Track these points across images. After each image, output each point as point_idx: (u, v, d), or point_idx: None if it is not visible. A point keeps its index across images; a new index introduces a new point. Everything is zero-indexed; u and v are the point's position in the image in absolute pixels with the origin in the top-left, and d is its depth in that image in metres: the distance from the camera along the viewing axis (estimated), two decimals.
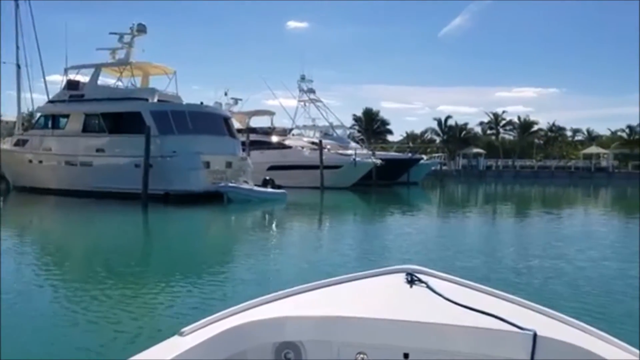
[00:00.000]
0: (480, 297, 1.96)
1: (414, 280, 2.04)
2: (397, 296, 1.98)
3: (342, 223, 19.00)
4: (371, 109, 75.90)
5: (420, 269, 2.14)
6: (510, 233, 16.56)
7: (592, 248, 12.13)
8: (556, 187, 47.94)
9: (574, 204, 31.14)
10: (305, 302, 1.96)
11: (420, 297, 1.94)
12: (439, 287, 1.96)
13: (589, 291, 7.71)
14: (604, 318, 6.00)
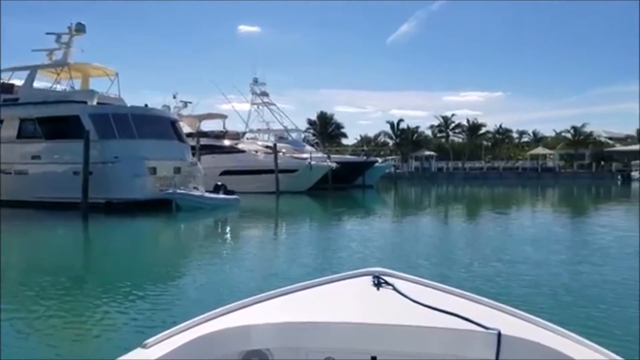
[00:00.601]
0: (446, 298, 1.98)
1: (380, 283, 2.04)
2: (364, 299, 1.98)
3: (301, 229, 18.26)
4: (325, 112, 75.91)
5: (386, 271, 2.15)
6: (468, 234, 16.50)
7: (548, 247, 12.26)
8: (505, 188, 49.01)
9: (524, 204, 31.75)
10: (272, 308, 1.93)
11: (387, 299, 1.95)
12: (405, 289, 1.97)
13: (552, 290, 7.69)
14: (568, 317, 5.94)
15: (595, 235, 14.44)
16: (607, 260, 10.32)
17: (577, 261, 10.39)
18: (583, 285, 8.19)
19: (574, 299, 7.24)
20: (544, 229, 17.21)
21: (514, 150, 79.43)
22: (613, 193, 42.70)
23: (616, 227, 17.92)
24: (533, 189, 47.65)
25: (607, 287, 8.01)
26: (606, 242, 13.00)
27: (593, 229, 16.50)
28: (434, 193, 44.16)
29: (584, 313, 6.39)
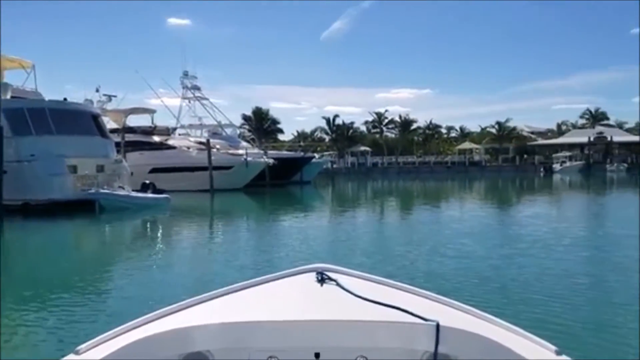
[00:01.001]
0: (387, 292, 2.00)
1: (324, 279, 2.04)
2: (307, 296, 1.98)
3: (238, 228, 17.38)
4: (261, 108, 74.61)
5: (330, 267, 2.15)
6: (406, 228, 16.50)
7: (485, 240, 12.40)
8: (436, 182, 50.51)
9: (457, 198, 32.54)
10: (212, 309, 1.89)
11: (330, 295, 1.95)
12: (348, 284, 1.98)
13: (490, 282, 7.80)
14: (505, 307, 6.07)
15: (530, 227, 14.73)
16: (542, 252, 10.48)
17: (514, 253, 10.51)
18: (519, 276, 8.25)
19: (511, 290, 7.33)
20: (479, 222, 17.52)
21: (443, 145, 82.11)
22: (537, 185, 44.91)
23: (549, 218, 18.63)
24: (462, 182, 49.31)
25: (544, 278, 8.08)
26: (542, 234, 13.27)
27: (527, 220, 16.92)
28: (370, 188, 44.49)
29: (520, 303, 6.50)
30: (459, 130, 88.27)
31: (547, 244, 11.49)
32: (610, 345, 5.22)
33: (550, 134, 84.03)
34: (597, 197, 29.75)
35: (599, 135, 68.71)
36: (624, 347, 5.20)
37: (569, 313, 6.18)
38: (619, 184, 42.49)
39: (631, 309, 6.37)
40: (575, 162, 63.17)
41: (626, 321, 5.97)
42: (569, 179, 49.41)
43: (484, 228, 15.36)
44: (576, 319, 5.94)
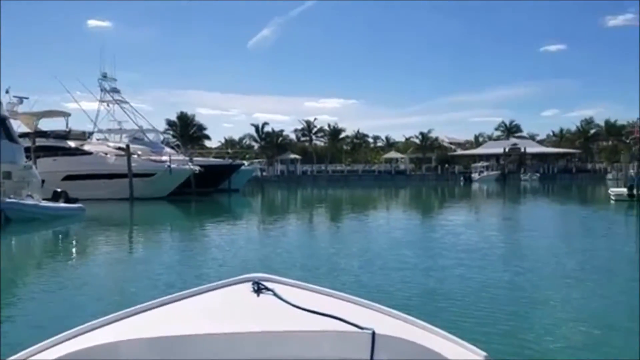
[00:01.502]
0: (324, 300, 2.00)
1: (260, 289, 2.01)
2: (243, 307, 1.95)
3: (161, 240, 16.29)
4: (186, 113, 72.39)
5: (266, 276, 2.12)
6: (339, 236, 16.40)
7: (418, 248, 12.61)
8: (364, 190, 51.36)
9: (386, 205, 33.18)
10: (142, 323, 1.82)
11: (267, 305, 1.93)
12: (285, 294, 1.96)
13: (425, 290, 7.94)
14: (440, 315, 6.18)
15: (458, 235, 15.08)
16: (472, 260, 10.70)
17: (445, 260, 10.70)
18: (451, 283, 8.43)
19: (443, 296, 7.48)
20: (409, 230, 17.86)
21: (371, 154, 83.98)
22: (459, 193, 46.75)
23: (474, 226, 19.27)
24: (388, 190, 50.49)
25: (474, 285, 8.27)
26: (469, 241, 13.62)
27: (455, 228, 17.29)
28: (301, 196, 44.27)
29: (452, 310, 6.65)
30: (385, 140, 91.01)
31: (476, 251, 11.79)
32: (538, 349, 5.32)
33: (468, 144, 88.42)
34: (514, 205, 31.36)
35: (513, 147, 73.14)
36: (553, 351, 5.30)
37: (498, 319, 6.32)
38: (533, 193, 45.23)
39: (559, 314, 6.67)
40: (492, 171, 66.65)
41: (555, 326, 6.15)
42: (487, 188, 51.98)
43: (415, 236, 15.64)
44: (505, 325, 6.08)
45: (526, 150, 72.58)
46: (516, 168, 70.64)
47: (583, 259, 10.94)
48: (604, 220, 20.83)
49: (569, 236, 15.30)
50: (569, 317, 6.51)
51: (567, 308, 7.04)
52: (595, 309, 6.97)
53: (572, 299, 7.57)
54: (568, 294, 7.83)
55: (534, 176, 65.02)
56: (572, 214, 23.50)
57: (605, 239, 15.05)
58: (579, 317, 6.52)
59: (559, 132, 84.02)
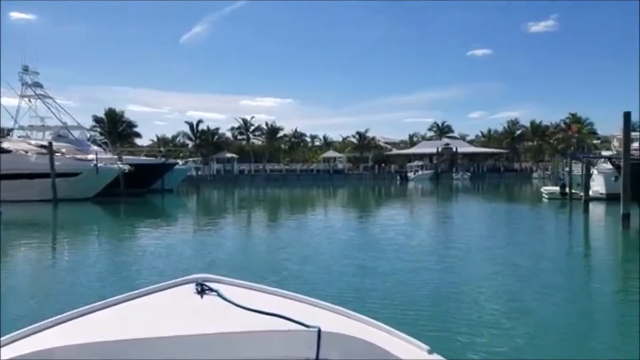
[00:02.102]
0: (270, 299, 2.00)
1: (204, 289, 1.98)
2: (186, 309, 1.91)
3: (87, 245, 14.97)
4: (114, 109, 68.91)
5: (210, 277, 2.10)
6: (281, 235, 16.08)
7: (361, 245, 12.80)
8: (303, 189, 51.12)
9: (326, 204, 33.02)
10: (80, 327, 1.75)
11: (211, 306, 1.90)
12: (230, 294, 1.94)
13: (371, 286, 8.12)
14: (385, 310, 6.33)
15: (397, 233, 15.24)
16: (412, 256, 11.19)
17: (388, 257, 10.86)
18: (394, 279, 8.63)
19: (387, 292, 7.65)
20: (351, 228, 17.83)
21: (309, 153, 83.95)
22: (396, 191, 47.50)
23: (413, 223, 19.48)
24: (326, 189, 50.55)
25: (415, 281, 8.55)
26: (408, 239, 13.96)
27: (395, 227, 17.35)
28: (238, 195, 43.25)
29: (395, 305, 6.82)
30: (322, 139, 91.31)
31: (417, 249, 12.14)
32: (479, 343, 5.49)
33: (402, 144, 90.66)
34: (452, 204, 32.17)
35: (446, 147, 75.65)
36: (493, 345, 5.47)
37: (439, 314, 6.53)
38: (467, 192, 46.82)
39: (498, 309, 6.90)
40: (426, 170, 68.54)
41: (494, 320, 6.36)
42: (422, 187, 53.25)
43: (356, 235, 15.69)
44: (447, 319, 6.25)
45: (457, 150, 75.26)
46: (448, 167, 73.04)
47: (523, 255, 11.24)
48: (542, 217, 21.75)
49: (510, 234, 15.75)
50: (507, 311, 6.74)
51: (505, 302, 7.25)
52: (535, 305, 7.16)
53: (511, 293, 7.86)
54: (506, 289, 8.13)
55: (465, 175, 67.50)
56: (511, 212, 24.27)
57: (546, 235, 15.71)
58: (517, 312, 6.72)
59: (487, 132, 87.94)
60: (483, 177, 68.80)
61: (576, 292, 8.24)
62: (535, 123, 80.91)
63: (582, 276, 9.86)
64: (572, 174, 25.55)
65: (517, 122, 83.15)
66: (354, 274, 9.18)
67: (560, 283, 8.65)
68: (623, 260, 11.43)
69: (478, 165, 75.87)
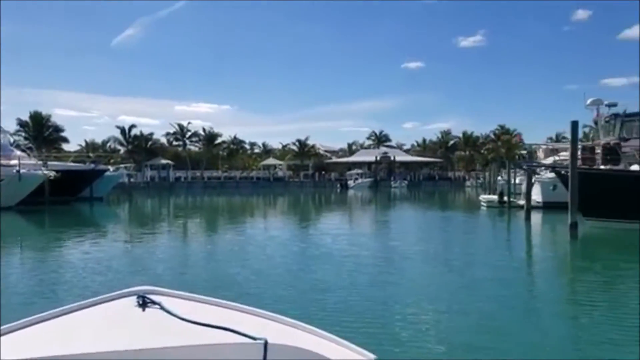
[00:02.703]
0: (215, 311, 1.96)
1: (146, 302, 1.91)
2: (128, 323, 1.84)
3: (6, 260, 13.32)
4: (40, 112, 64.50)
5: (152, 289, 2.02)
6: (220, 244, 15.58)
7: (306, 254, 12.75)
8: (242, 197, 50.09)
9: (265, 212, 32.34)
10: (14, 343, 1.66)
11: (154, 320, 1.85)
12: (173, 307, 1.88)
13: (318, 296, 8.06)
14: (332, 320, 6.32)
15: (340, 241, 15.20)
16: (357, 265, 11.08)
17: (334, 266, 10.86)
18: (340, 288, 8.65)
19: (333, 302, 7.67)
20: (294, 237, 17.48)
21: (248, 160, 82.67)
22: (337, 199, 47.37)
23: (356, 232, 19.20)
24: (267, 197, 49.76)
25: (361, 289, 8.59)
26: (351, 247, 13.74)
27: (338, 236, 17.16)
28: (174, 204, 41.43)
29: (342, 314, 6.82)
30: (262, 146, 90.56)
31: (361, 257, 12.19)
32: (424, 349, 5.53)
33: (341, 152, 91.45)
34: (395, 212, 32.32)
35: (384, 155, 76.93)
36: (439, 350, 5.51)
37: (386, 322, 6.55)
38: (406, 199, 47.51)
39: (444, 315, 6.96)
40: (365, 179, 69.29)
41: (440, 326, 6.44)
42: (362, 195, 53.58)
43: (300, 244, 15.39)
44: (393, 328, 6.28)
45: (395, 159, 76.70)
46: (387, 175, 74.26)
47: (477, 265, 11.31)
48: (487, 225, 22.17)
49: (459, 242, 15.80)
50: (451, 318, 6.85)
51: (448, 309, 7.31)
52: (487, 311, 7.20)
53: (455, 299, 7.91)
54: (449, 294, 8.24)
55: (403, 183, 68.85)
56: (454, 220, 24.64)
57: (495, 244, 15.89)
58: (461, 319, 6.83)
59: (422, 142, 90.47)
60: (419, 185, 70.51)
61: (528, 300, 8.31)
62: (467, 134, 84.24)
63: (537, 284, 9.85)
64: (513, 183, 26.30)
65: (449, 133, 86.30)
66: (297, 283, 9.12)
67: (513, 291, 8.74)
68: (573, 267, 11.57)
69: (414, 174, 77.74)
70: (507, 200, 25.11)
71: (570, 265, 11.71)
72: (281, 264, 11.23)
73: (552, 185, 21.66)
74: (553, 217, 20.41)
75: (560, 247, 14.20)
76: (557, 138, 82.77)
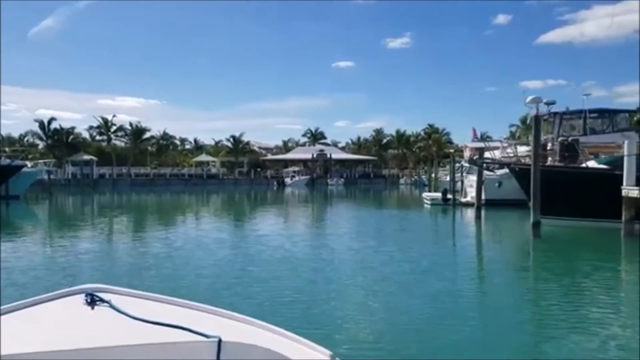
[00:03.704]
0: (167, 309, 1.90)
1: (95, 300, 1.88)
2: (75, 321, 1.79)
3: None
4: None
5: (101, 287, 1.99)
6: (153, 245, 14.37)
7: (242, 250, 12.67)
8: (174, 195, 47.88)
9: (199, 211, 30.74)
10: None
11: (103, 318, 1.80)
12: (123, 305, 1.84)
13: (273, 292, 7.99)
14: (287, 316, 6.32)
15: (283, 239, 14.76)
16: (306, 262, 11.07)
17: (286, 263, 10.84)
18: (294, 285, 8.62)
19: (287, 297, 7.63)
20: (236, 234, 17.03)
21: (179, 157, 79.35)
22: (275, 198, 46.05)
23: (301, 231, 18.51)
24: (199, 195, 47.86)
25: (315, 286, 8.59)
26: (296, 246, 13.40)
27: (285, 233, 16.53)
28: (99, 202, 38.46)
29: (297, 310, 6.80)
30: (193, 142, 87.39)
31: (310, 255, 12.10)
32: (381, 348, 5.44)
33: (276, 150, 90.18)
34: (335, 210, 31.69)
35: (320, 153, 76.52)
36: (397, 348, 5.43)
37: (342, 318, 6.50)
38: (346, 197, 47.14)
39: (397, 311, 6.94)
40: (302, 176, 68.54)
41: (397, 322, 6.39)
42: (300, 192, 52.71)
43: (243, 241, 14.90)
44: (350, 325, 6.21)
45: (332, 157, 76.54)
46: (323, 173, 73.88)
47: (441, 265, 11.07)
48: (439, 224, 21.71)
49: (412, 241, 15.32)
50: (403, 316, 6.76)
51: (399, 307, 7.26)
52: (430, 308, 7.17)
53: (406, 297, 7.87)
54: (402, 292, 8.18)
55: (340, 181, 68.79)
56: (403, 218, 24.12)
57: (454, 242, 15.51)
58: (414, 316, 6.75)
59: (357, 140, 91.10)
60: (355, 183, 70.76)
61: (496, 303, 7.99)
62: (400, 132, 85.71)
63: (511, 285, 9.37)
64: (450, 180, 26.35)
65: (381, 131, 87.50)
66: (254, 279, 9.10)
67: (483, 291, 8.63)
68: (544, 268, 11.21)
69: (351, 172, 77.94)
70: (453, 198, 25.12)
71: (540, 266, 11.32)
72: (224, 262, 11.06)
73: (497, 183, 21.81)
74: (498, 214, 20.48)
75: (525, 246, 13.68)
76: (481, 137, 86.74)
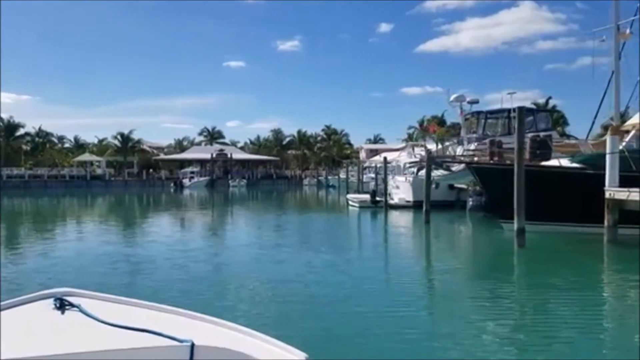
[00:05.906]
0: (139, 313, 1.88)
1: (64, 305, 1.86)
2: (44, 327, 1.76)
3: None
4: None
5: (71, 291, 1.98)
6: None
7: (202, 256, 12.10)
8: (52, 198, 42.79)
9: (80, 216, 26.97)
10: None
11: (72, 323, 1.78)
12: (93, 309, 1.83)
13: (247, 295, 7.87)
14: (260, 318, 6.33)
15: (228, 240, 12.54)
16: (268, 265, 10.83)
17: (248, 267, 10.63)
18: (272, 287, 8.41)
19: (265, 301, 7.48)
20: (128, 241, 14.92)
21: (58, 156, 71.14)
22: (173, 201, 41.93)
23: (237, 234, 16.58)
24: (83, 198, 43.23)
25: (289, 288, 8.33)
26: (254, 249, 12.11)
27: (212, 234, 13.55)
28: None
29: (273, 314, 6.75)
30: (73, 140, 79.52)
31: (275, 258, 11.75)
32: (356, 349, 5.38)
33: (169, 149, 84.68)
34: (248, 212, 29.15)
35: (220, 152, 72.87)
36: (371, 350, 5.36)
37: (317, 320, 6.43)
38: (250, 199, 44.56)
39: (371, 313, 6.73)
40: (201, 177, 64.59)
41: (369, 324, 6.23)
42: (200, 195, 49.13)
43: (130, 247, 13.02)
44: (325, 327, 6.10)
45: (232, 157, 73.25)
46: (223, 174, 70.38)
47: (361, 259, 11.30)
48: (386, 228, 19.94)
49: (368, 247, 14.50)
50: (376, 316, 6.62)
51: (369, 306, 7.10)
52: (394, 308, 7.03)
53: (376, 298, 7.79)
54: (376, 294, 8.11)
55: (242, 182, 65.86)
56: (334, 222, 22.66)
57: (423, 249, 14.64)
58: (383, 315, 6.66)
59: (256, 139, 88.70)
60: (258, 184, 68.23)
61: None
62: (301, 132, 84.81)
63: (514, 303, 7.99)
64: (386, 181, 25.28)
65: (280, 131, 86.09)
66: (228, 283, 9.01)
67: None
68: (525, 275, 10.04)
69: (252, 172, 75.21)
70: (385, 200, 23.94)
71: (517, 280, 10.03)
72: (199, 266, 10.78)
73: (435, 184, 20.97)
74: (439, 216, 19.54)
75: (509, 257, 11.62)
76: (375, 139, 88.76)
